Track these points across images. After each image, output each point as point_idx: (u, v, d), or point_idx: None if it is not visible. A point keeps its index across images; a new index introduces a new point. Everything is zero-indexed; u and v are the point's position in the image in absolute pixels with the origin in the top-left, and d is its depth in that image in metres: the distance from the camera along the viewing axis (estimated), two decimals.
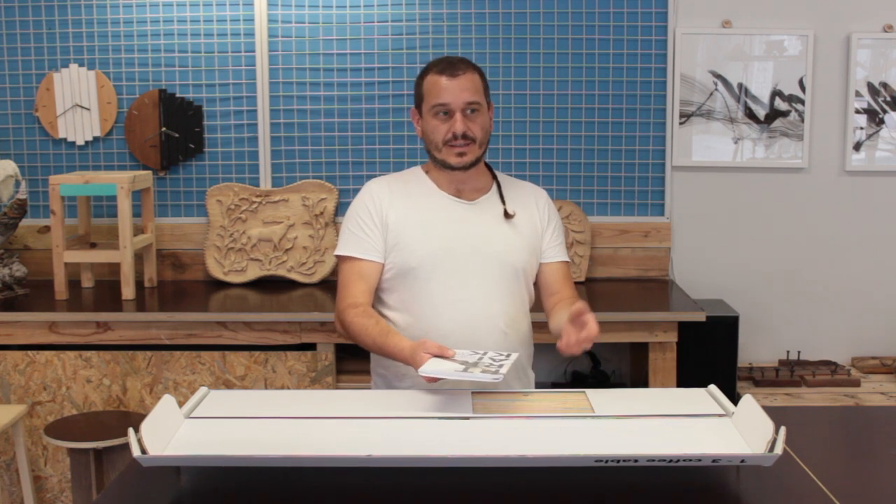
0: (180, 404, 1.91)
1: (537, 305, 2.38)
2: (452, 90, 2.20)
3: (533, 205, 2.35)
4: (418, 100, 2.28)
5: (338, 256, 2.30)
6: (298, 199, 3.76)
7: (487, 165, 2.37)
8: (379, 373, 2.34)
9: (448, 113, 2.21)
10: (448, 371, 1.93)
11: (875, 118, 3.77)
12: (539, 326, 2.39)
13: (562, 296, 2.32)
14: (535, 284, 2.37)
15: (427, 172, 2.34)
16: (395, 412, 1.94)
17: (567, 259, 2.39)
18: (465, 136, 2.20)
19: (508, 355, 2.06)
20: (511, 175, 2.49)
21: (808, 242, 3.84)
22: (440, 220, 2.26)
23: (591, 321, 2.03)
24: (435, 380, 1.97)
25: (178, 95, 3.76)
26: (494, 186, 2.34)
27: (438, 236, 2.24)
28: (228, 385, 3.29)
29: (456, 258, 2.23)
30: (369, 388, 2.42)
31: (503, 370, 1.94)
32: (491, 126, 2.32)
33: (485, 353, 2.07)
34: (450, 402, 2.00)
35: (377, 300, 2.32)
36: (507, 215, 2.29)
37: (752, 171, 3.81)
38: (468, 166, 2.24)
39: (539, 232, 2.34)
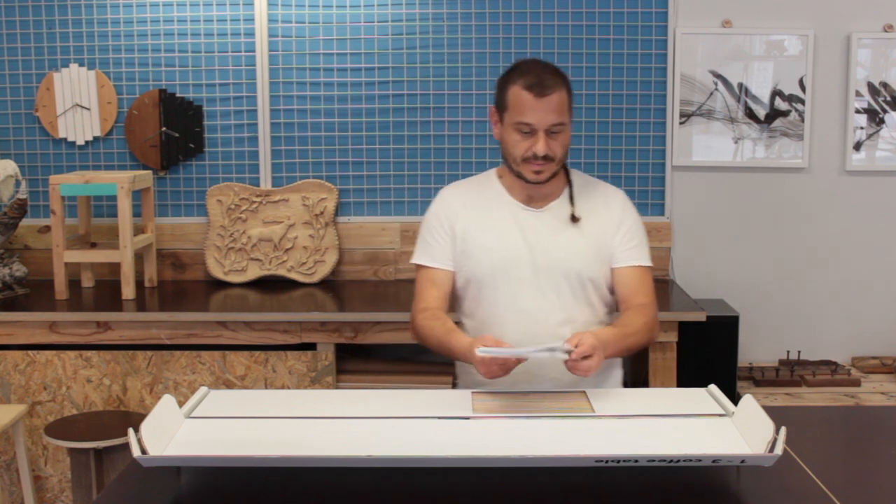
0: (180, 404, 1.91)
1: None
2: (538, 111, 2.13)
3: (604, 206, 2.28)
4: (500, 104, 2.21)
5: (414, 263, 2.33)
6: (298, 198, 3.76)
7: (564, 167, 2.30)
8: (466, 370, 2.32)
9: (531, 132, 2.15)
10: (503, 350, 1.94)
11: (875, 118, 3.77)
12: None
13: (628, 304, 2.23)
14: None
15: (500, 177, 2.31)
16: (395, 412, 1.94)
17: (644, 263, 2.27)
18: (545, 157, 2.15)
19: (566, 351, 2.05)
20: (582, 172, 2.40)
21: (808, 242, 3.84)
22: (505, 229, 2.25)
23: (579, 368, 1.97)
24: (491, 364, 1.96)
25: (178, 95, 3.76)
26: (566, 190, 2.29)
27: (503, 246, 2.23)
28: (228, 385, 3.29)
29: (519, 267, 2.22)
30: (369, 388, 2.42)
31: (558, 352, 1.94)
32: (570, 139, 2.25)
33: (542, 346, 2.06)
34: (450, 402, 2.00)
35: (458, 306, 2.35)
36: (573, 219, 2.24)
37: (753, 171, 3.81)
38: (544, 182, 2.21)
39: (609, 235, 2.26)
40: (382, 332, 3.27)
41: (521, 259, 2.22)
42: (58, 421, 3.17)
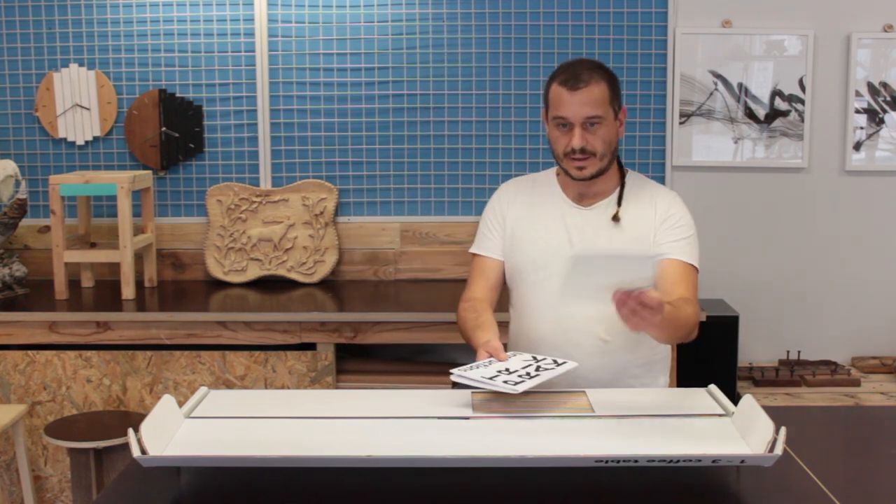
0: (180, 404, 1.91)
1: None
2: (572, 104, 2.15)
3: (650, 206, 2.28)
4: (545, 105, 2.25)
5: (470, 252, 2.41)
6: (298, 198, 3.76)
7: (621, 168, 2.33)
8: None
9: (567, 126, 2.18)
10: (474, 379, 1.96)
11: (875, 118, 3.77)
12: None
13: (668, 297, 2.11)
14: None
15: (558, 175, 2.34)
16: (395, 412, 1.94)
17: (687, 260, 2.25)
18: (583, 151, 2.17)
19: (564, 363, 2.08)
20: (642, 175, 2.38)
21: (808, 242, 3.84)
22: (550, 224, 2.29)
23: (635, 315, 1.87)
24: (465, 386, 2.00)
25: (178, 95, 3.76)
26: (617, 190, 2.30)
27: (545, 240, 2.27)
28: (228, 385, 3.29)
29: (558, 262, 2.22)
30: (369, 388, 2.43)
31: (527, 384, 1.94)
32: (619, 134, 2.24)
33: (536, 360, 2.11)
34: (450, 402, 2.00)
35: (509, 299, 2.40)
36: (614, 219, 2.25)
37: (752, 171, 3.81)
38: (589, 178, 2.22)
39: (650, 234, 2.26)
40: (382, 332, 3.27)
41: (561, 254, 2.23)
42: (58, 421, 3.17)
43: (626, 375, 2.26)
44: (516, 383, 1.94)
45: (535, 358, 2.13)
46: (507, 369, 2.02)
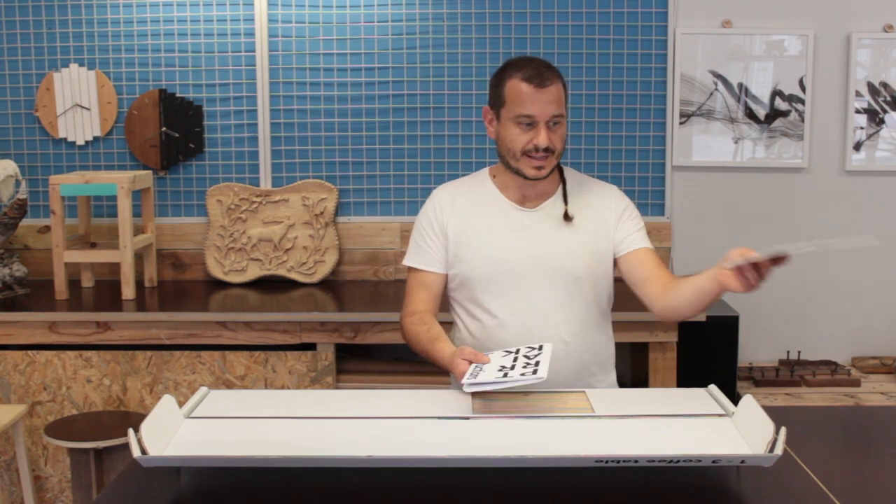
0: (180, 404, 1.91)
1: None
2: (539, 102, 2.11)
3: (598, 203, 2.26)
4: (496, 102, 2.19)
5: (405, 265, 2.34)
6: (298, 198, 3.76)
7: (558, 165, 2.28)
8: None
9: (532, 124, 2.13)
10: (489, 380, 1.94)
11: (875, 118, 3.77)
12: None
13: (662, 280, 2.16)
14: (623, 281, 2.26)
15: (494, 177, 2.29)
16: (395, 412, 1.94)
17: (649, 247, 2.23)
18: (546, 150, 2.14)
19: (541, 347, 2.06)
20: (573, 169, 2.38)
21: None
22: (498, 230, 2.23)
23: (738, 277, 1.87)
24: (482, 393, 1.98)
25: (178, 95, 3.76)
26: (560, 189, 2.27)
27: (495, 248, 2.22)
28: (228, 385, 3.29)
29: (512, 269, 2.20)
30: (369, 388, 2.43)
31: (542, 369, 1.93)
32: (567, 133, 2.23)
33: (517, 351, 2.07)
34: (450, 402, 2.00)
35: (452, 307, 2.34)
36: (566, 218, 2.22)
37: (752, 171, 3.81)
38: (543, 178, 2.19)
39: (608, 229, 2.24)
40: (382, 332, 3.27)
41: (513, 261, 2.21)
42: (58, 421, 3.17)
43: (585, 374, 2.26)
44: (534, 372, 1.92)
45: (511, 350, 2.09)
46: (502, 366, 2.00)
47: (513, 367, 1.97)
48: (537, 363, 1.97)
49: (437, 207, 2.29)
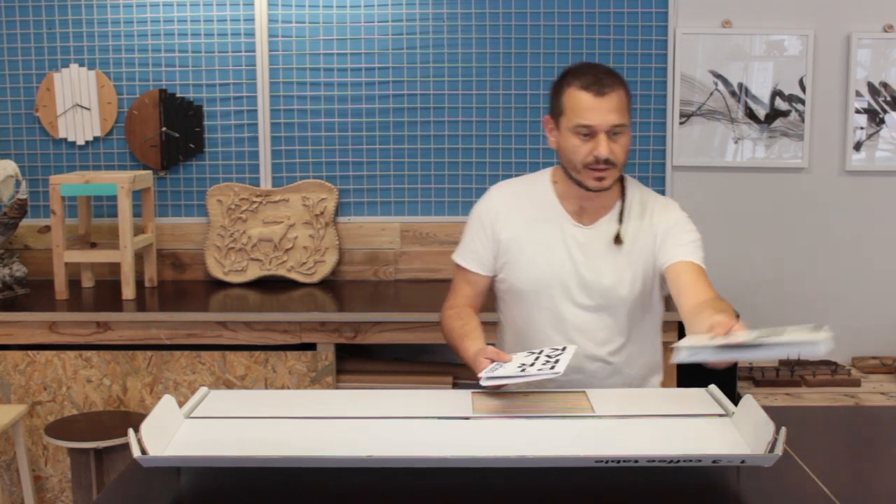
0: (180, 404, 1.91)
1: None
2: (599, 111, 2.03)
3: (649, 224, 2.18)
4: (555, 111, 2.13)
5: (453, 260, 2.32)
6: (298, 198, 3.76)
7: (620, 177, 2.19)
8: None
9: (590, 134, 2.06)
10: (507, 374, 1.94)
11: (875, 118, 3.77)
12: None
13: (697, 299, 2.02)
14: (669, 296, 2.19)
15: (554, 182, 2.22)
16: (395, 412, 1.94)
17: (697, 261, 2.12)
18: (606, 161, 2.06)
19: (564, 349, 2.04)
20: (637, 182, 2.28)
21: (807, 242, 3.83)
22: (551, 247, 2.19)
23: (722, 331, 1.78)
24: (498, 387, 1.98)
25: (178, 95, 3.76)
26: (618, 205, 2.20)
27: (546, 262, 2.18)
28: (228, 385, 3.29)
29: (561, 286, 2.18)
30: (369, 388, 2.43)
31: (560, 365, 1.91)
32: (631, 143, 2.13)
33: (540, 352, 2.06)
34: (450, 402, 2.00)
35: (498, 308, 2.33)
36: (616, 241, 2.16)
37: (752, 171, 3.81)
38: (605, 189, 2.12)
39: (652, 247, 2.17)
40: (382, 332, 3.27)
41: (563, 278, 2.17)
42: (58, 421, 3.17)
43: (627, 387, 2.24)
44: (552, 368, 1.90)
45: (535, 351, 2.08)
46: (522, 364, 1.98)
47: (532, 365, 1.96)
48: (557, 361, 1.95)
49: (492, 211, 2.24)
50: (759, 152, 3.80)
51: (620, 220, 2.18)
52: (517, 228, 2.21)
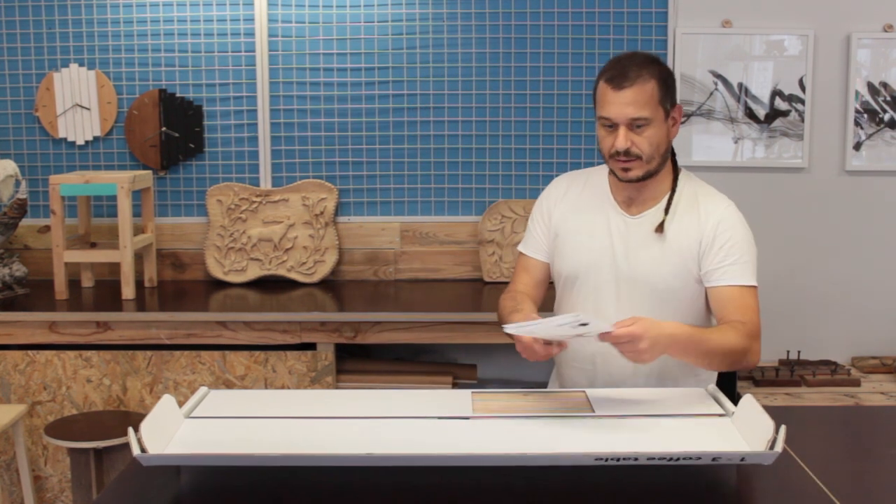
0: (180, 404, 1.91)
1: None
2: (616, 105, 2.06)
3: (696, 221, 2.17)
4: (594, 102, 2.16)
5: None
6: (298, 198, 3.76)
7: (676, 168, 2.22)
8: (559, 372, 2.35)
9: (613, 126, 2.08)
10: (531, 323, 1.90)
11: (875, 118, 3.77)
12: None
13: (723, 322, 2.10)
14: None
15: (611, 173, 2.22)
16: (395, 412, 1.94)
17: (743, 283, 2.12)
18: (627, 153, 2.08)
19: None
20: (696, 178, 2.29)
21: (807, 242, 3.83)
22: (595, 232, 2.20)
23: (625, 351, 1.89)
24: (531, 344, 1.91)
25: (178, 95, 3.76)
26: (667, 198, 2.19)
27: (588, 249, 2.20)
28: (228, 385, 3.29)
29: (600, 274, 2.18)
30: (369, 388, 2.43)
31: (588, 318, 1.85)
32: (671, 134, 2.14)
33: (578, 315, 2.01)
34: (450, 402, 2.00)
35: (556, 303, 2.34)
36: (658, 230, 2.15)
37: (752, 171, 3.81)
38: (635, 180, 2.13)
39: (696, 252, 2.15)
40: (382, 332, 3.27)
41: (603, 265, 2.18)
42: (58, 421, 3.17)
43: (666, 379, 2.20)
44: (581, 324, 1.84)
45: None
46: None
47: (561, 325, 1.89)
48: (588, 321, 1.88)
49: (550, 196, 2.30)
50: (759, 152, 3.80)
51: (666, 212, 2.18)
52: (568, 215, 2.26)
